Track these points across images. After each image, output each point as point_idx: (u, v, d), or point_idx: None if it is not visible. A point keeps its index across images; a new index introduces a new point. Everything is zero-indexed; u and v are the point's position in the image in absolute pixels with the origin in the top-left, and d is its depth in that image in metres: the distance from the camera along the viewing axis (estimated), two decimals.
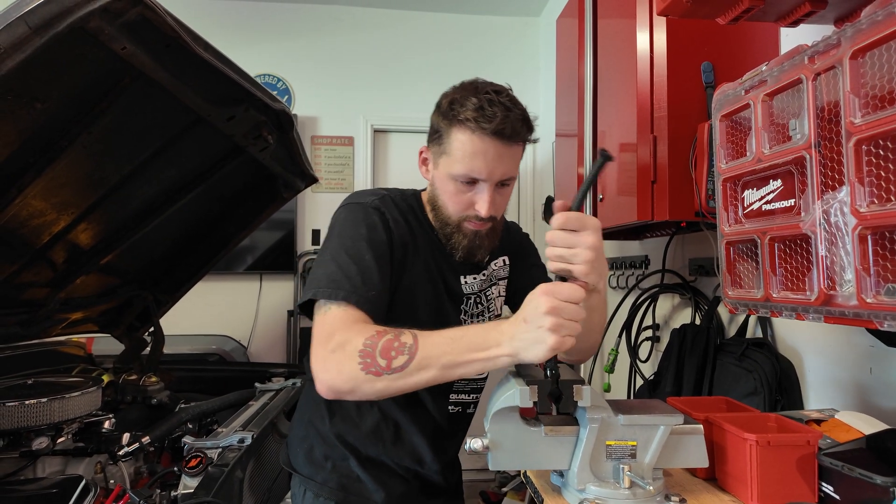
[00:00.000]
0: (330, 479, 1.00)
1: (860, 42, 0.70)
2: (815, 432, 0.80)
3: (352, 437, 1.01)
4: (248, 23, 3.43)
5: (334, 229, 0.95)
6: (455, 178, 0.92)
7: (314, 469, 1.01)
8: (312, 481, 1.01)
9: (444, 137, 0.93)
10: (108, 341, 2.48)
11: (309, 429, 1.04)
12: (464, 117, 0.88)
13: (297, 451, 1.05)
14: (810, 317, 0.81)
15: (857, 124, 0.70)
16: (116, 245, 1.95)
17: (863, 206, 0.70)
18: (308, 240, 3.45)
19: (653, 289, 1.82)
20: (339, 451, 1.01)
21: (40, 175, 1.34)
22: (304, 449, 1.04)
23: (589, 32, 1.79)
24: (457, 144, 0.90)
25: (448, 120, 0.92)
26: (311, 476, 1.01)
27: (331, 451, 1.01)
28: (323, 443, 1.02)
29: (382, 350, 0.76)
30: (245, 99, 1.56)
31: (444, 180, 0.94)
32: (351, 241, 0.90)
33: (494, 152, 0.89)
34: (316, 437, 1.03)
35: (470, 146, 0.89)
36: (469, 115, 0.88)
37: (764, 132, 0.87)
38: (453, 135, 0.91)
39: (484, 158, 0.89)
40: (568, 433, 0.80)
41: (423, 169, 1.04)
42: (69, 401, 1.62)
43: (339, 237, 0.92)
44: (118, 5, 0.90)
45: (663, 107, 1.33)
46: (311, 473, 1.01)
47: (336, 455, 1.01)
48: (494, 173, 0.90)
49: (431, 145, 0.99)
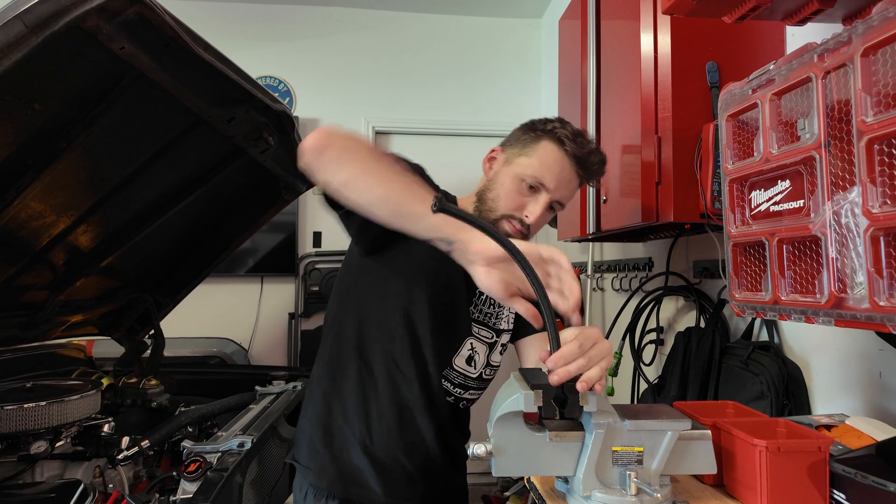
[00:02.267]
0: (328, 468, 1.01)
1: (872, 39, 0.68)
2: (826, 438, 0.78)
3: (356, 427, 1.01)
4: (250, 24, 3.42)
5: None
6: (523, 178, 1.00)
7: (313, 458, 1.03)
8: (309, 471, 1.02)
9: (530, 143, 1.02)
10: (108, 344, 2.47)
11: (312, 421, 1.06)
12: (559, 135, 1.00)
13: (301, 444, 1.07)
14: (820, 320, 0.79)
15: (869, 123, 0.68)
16: (116, 247, 1.94)
17: (875, 206, 0.68)
18: (309, 242, 3.44)
19: (657, 291, 1.80)
20: (340, 440, 1.02)
21: (39, 177, 1.33)
22: (306, 440, 1.06)
23: (592, 33, 1.78)
24: (542, 152, 1.01)
25: (541, 132, 1.03)
26: (308, 465, 1.03)
27: (332, 441, 1.02)
28: (325, 433, 1.03)
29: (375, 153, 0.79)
30: (245, 100, 1.55)
31: (510, 178, 1.01)
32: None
33: (569, 174, 1.01)
34: (318, 429, 1.04)
35: (552, 158, 1.00)
36: (565, 134, 1.00)
37: (772, 132, 0.86)
38: (542, 143, 1.01)
39: (559, 174, 1.00)
40: (573, 439, 0.79)
41: (487, 165, 1.10)
42: (68, 404, 1.61)
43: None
44: (115, 4, 0.89)
45: (668, 107, 1.31)
46: (310, 463, 1.03)
47: (337, 444, 1.02)
48: (558, 190, 1.00)
49: (509, 147, 1.07)
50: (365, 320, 1.04)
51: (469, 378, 1.07)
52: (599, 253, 2.46)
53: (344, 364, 1.04)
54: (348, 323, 1.05)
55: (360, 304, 1.04)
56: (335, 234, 3.44)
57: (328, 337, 1.08)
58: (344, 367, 1.04)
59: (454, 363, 1.05)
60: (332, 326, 1.08)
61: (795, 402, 1.20)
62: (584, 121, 1.83)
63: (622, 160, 1.58)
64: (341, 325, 1.06)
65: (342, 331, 1.05)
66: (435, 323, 1.02)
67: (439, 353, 1.03)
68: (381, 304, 1.02)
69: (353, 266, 1.08)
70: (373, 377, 1.02)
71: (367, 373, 1.02)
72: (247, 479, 1.39)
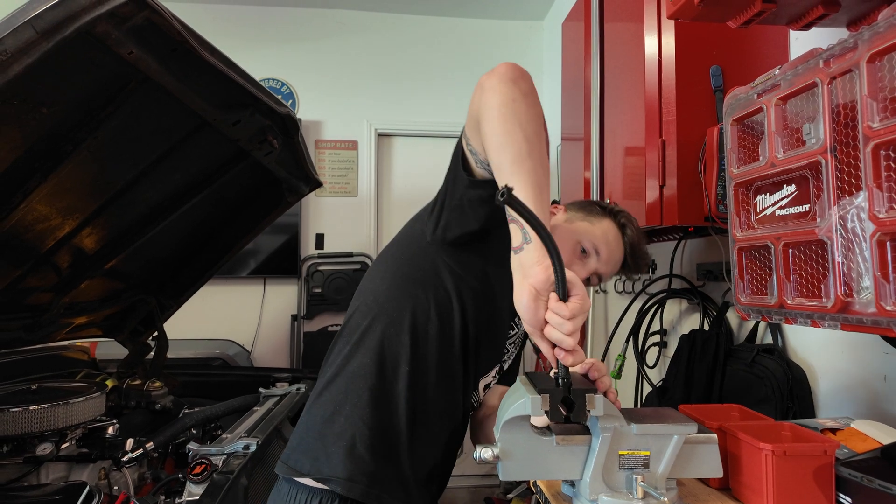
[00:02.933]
0: (364, 474, 0.89)
1: (878, 45, 0.69)
2: (832, 442, 0.78)
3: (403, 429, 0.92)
4: (253, 27, 3.44)
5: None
6: (580, 242, 1.03)
7: (357, 468, 0.89)
8: (356, 484, 0.88)
9: (596, 218, 1.07)
10: (111, 346, 2.47)
11: (354, 422, 0.91)
12: (623, 221, 1.08)
13: (332, 451, 0.90)
14: (826, 324, 0.79)
15: (876, 129, 0.69)
16: (121, 250, 1.95)
17: (881, 211, 0.69)
18: (312, 244, 3.45)
19: (660, 294, 1.81)
20: (387, 443, 0.92)
21: (46, 180, 1.34)
22: (341, 447, 0.90)
23: (595, 36, 1.79)
24: (604, 228, 1.05)
25: (607, 212, 1.09)
26: (352, 478, 0.88)
27: (379, 444, 0.91)
28: (374, 435, 0.91)
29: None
30: (251, 103, 1.55)
31: (568, 235, 1.04)
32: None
33: (618, 256, 1.06)
34: (362, 429, 0.91)
35: (611, 237, 1.05)
36: (627, 223, 1.08)
37: (777, 136, 0.86)
38: (606, 223, 1.06)
39: (613, 251, 1.05)
40: (580, 443, 0.79)
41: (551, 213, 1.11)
42: (73, 406, 1.61)
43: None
44: (125, 9, 0.90)
45: (672, 111, 1.32)
46: (354, 474, 0.89)
47: (385, 447, 0.92)
48: (607, 264, 1.04)
49: (571, 210, 1.11)
50: (425, 313, 0.94)
51: (478, 401, 1.08)
52: None
53: (397, 359, 0.93)
54: (404, 312, 0.94)
55: (421, 295, 0.94)
56: (338, 236, 3.45)
57: (373, 323, 0.95)
58: (397, 362, 0.93)
59: (479, 386, 1.05)
60: (381, 311, 0.95)
61: (800, 405, 1.20)
62: (587, 123, 1.83)
63: (626, 162, 1.58)
64: (395, 311, 0.95)
65: (397, 319, 0.94)
66: (487, 340, 1.00)
67: (480, 370, 1.02)
68: (447, 302, 0.94)
69: (416, 250, 0.97)
70: (425, 378, 0.94)
71: (421, 371, 0.93)
72: (251, 482, 1.39)
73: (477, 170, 0.85)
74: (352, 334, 0.97)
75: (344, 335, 0.99)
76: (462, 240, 0.93)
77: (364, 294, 1.00)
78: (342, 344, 0.98)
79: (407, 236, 1.02)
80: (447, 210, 0.91)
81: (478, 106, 0.78)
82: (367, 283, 1.01)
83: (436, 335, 0.94)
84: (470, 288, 0.95)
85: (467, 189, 0.87)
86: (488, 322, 0.99)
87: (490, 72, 0.79)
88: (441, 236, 0.93)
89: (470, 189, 0.86)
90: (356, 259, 3.40)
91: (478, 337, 0.98)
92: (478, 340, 0.98)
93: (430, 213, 0.95)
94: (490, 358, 1.04)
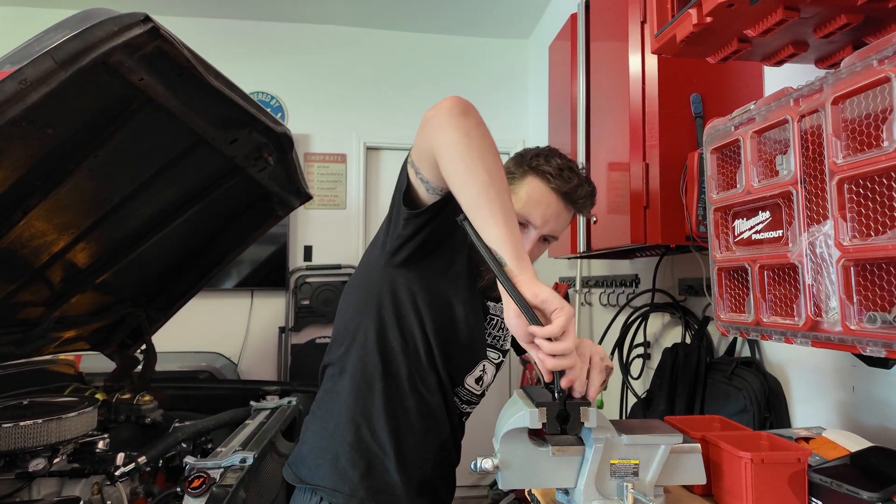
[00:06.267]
0: (359, 490, 0.98)
1: (841, 90, 0.76)
2: (804, 450, 0.85)
3: (386, 443, 1.00)
4: (243, 41, 3.47)
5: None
6: None
7: (342, 480, 0.99)
8: (339, 493, 0.98)
9: (517, 180, 1.04)
10: (95, 359, 2.46)
11: (334, 439, 1.02)
12: (544, 170, 1.01)
13: (319, 465, 1.01)
14: (798, 341, 0.86)
15: (840, 164, 0.76)
16: (113, 264, 1.96)
17: (846, 239, 0.75)
18: (300, 256, 3.47)
19: (644, 307, 1.88)
20: (370, 458, 0.99)
21: (46, 197, 1.36)
22: (328, 462, 1.01)
23: (581, 55, 1.86)
24: (526, 188, 1.02)
25: (527, 167, 1.04)
26: (335, 487, 0.99)
27: (361, 460, 0.99)
28: (354, 452, 1.00)
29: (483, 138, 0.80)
30: (248, 122, 1.59)
31: None
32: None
33: (555, 209, 1.02)
34: (344, 448, 1.00)
35: (537, 194, 1.02)
36: (549, 170, 1.01)
37: (753, 167, 0.93)
38: (527, 180, 1.03)
39: (544, 210, 1.01)
40: (574, 453, 0.84)
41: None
42: (66, 421, 1.61)
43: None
44: (140, 40, 0.93)
45: (655, 135, 1.39)
46: (338, 485, 0.99)
47: (367, 462, 0.99)
48: (546, 225, 1.02)
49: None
50: (388, 332, 1.02)
51: (474, 395, 1.13)
52: (587, 268, 2.54)
53: (370, 379, 1.01)
54: (370, 335, 1.02)
55: (384, 315, 1.02)
56: (326, 249, 3.47)
57: (349, 349, 1.04)
58: (370, 382, 1.01)
59: (465, 382, 1.11)
60: (352, 338, 1.04)
61: (776, 415, 1.27)
62: (573, 141, 1.91)
63: (611, 181, 1.65)
64: (363, 336, 1.03)
65: (365, 343, 1.03)
66: (459, 343, 1.05)
67: (457, 370, 1.08)
68: (406, 318, 1.01)
69: (375, 276, 1.05)
70: (399, 391, 1.01)
71: (394, 386, 1.01)
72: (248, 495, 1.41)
73: (425, 196, 0.90)
74: (333, 357, 1.08)
75: (328, 357, 1.10)
76: (410, 262, 1.00)
77: (337, 323, 1.10)
78: (328, 366, 1.10)
79: (365, 263, 1.10)
80: (391, 238, 0.98)
81: (431, 142, 0.81)
82: (339, 313, 1.11)
83: (401, 350, 1.02)
84: (426, 303, 1.02)
85: (407, 221, 0.93)
86: (453, 330, 1.04)
87: (436, 106, 0.81)
88: (391, 260, 1.01)
89: (410, 220, 0.92)
90: (344, 271, 3.43)
91: (445, 345, 1.04)
92: (446, 347, 1.04)
93: (381, 239, 1.03)
94: (471, 355, 1.09)
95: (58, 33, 0.87)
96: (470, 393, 1.12)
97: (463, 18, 3.45)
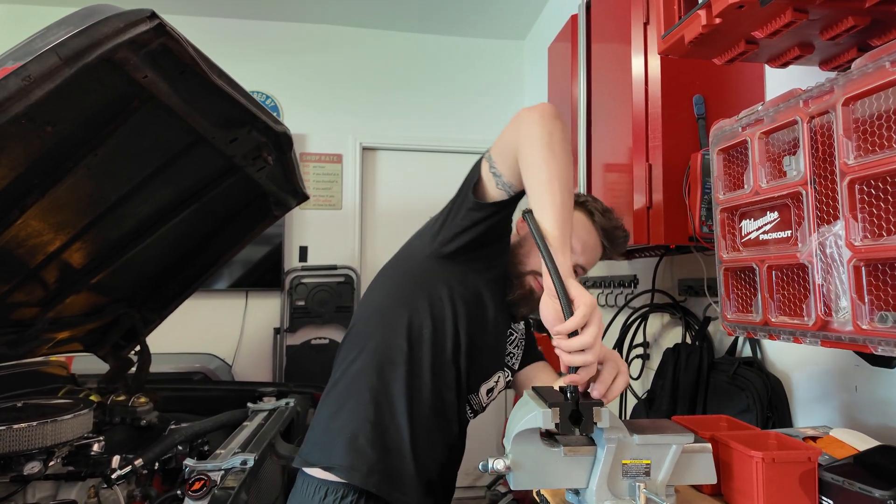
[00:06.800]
0: (376, 469, 0.97)
1: (851, 91, 0.76)
2: (815, 449, 0.85)
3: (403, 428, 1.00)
4: (238, 39, 3.44)
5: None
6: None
7: (359, 458, 0.98)
8: (356, 472, 0.97)
9: None
10: (87, 360, 2.42)
11: (354, 417, 1.01)
12: (590, 207, 1.12)
13: (336, 443, 1.00)
14: (808, 341, 0.86)
15: (851, 165, 0.76)
16: (108, 264, 1.94)
17: (857, 240, 0.76)
18: (295, 256, 3.44)
19: (643, 308, 1.88)
20: (388, 440, 1.00)
21: (43, 196, 1.34)
22: (345, 439, 1.00)
23: (582, 57, 1.87)
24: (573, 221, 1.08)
25: (575, 206, 1.10)
26: (353, 465, 0.98)
27: (379, 440, 0.99)
28: (374, 431, 0.99)
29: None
30: (249, 121, 1.58)
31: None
32: None
33: (594, 242, 1.11)
34: (364, 426, 1.00)
35: (580, 225, 1.09)
36: (596, 208, 1.12)
37: (761, 167, 0.94)
38: (575, 214, 1.08)
39: (585, 240, 1.09)
40: (586, 453, 0.84)
41: (520, 223, 1.18)
42: (61, 424, 1.59)
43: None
44: (145, 37, 0.92)
45: (658, 136, 1.39)
46: (355, 462, 0.98)
47: (385, 444, 0.99)
48: (583, 255, 1.09)
49: None
50: (420, 318, 1.03)
51: (482, 405, 1.13)
52: None
53: (394, 360, 1.02)
54: (401, 318, 1.03)
55: (417, 302, 1.03)
56: (321, 249, 3.45)
57: (376, 330, 1.05)
58: (394, 363, 1.02)
59: (479, 390, 1.11)
60: (381, 318, 1.05)
61: (779, 415, 1.28)
62: (574, 141, 1.91)
63: (613, 180, 1.66)
64: (393, 318, 1.04)
65: (394, 325, 1.03)
66: (485, 344, 1.06)
67: (476, 373, 1.08)
68: (440, 308, 1.03)
69: (415, 263, 1.07)
70: (419, 378, 1.02)
71: (416, 373, 1.02)
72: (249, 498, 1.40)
73: (494, 191, 0.96)
74: (355, 339, 1.08)
75: (348, 341, 1.10)
76: (458, 254, 1.03)
77: (366, 304, 1.11)
78: (346, 349, 1.09)
79: (406, 252, 1.12)
80: (448, 227, 1.02)
81: (518, 135, 0.89)
82: (369, 294, 1.12)
83: (429, 338, 1.04)
84: (462, 298, 1.04)
85: (470, 211, 0.98)
86: (482, 330, 1.07)
87: (531, 108, 0.90)
88: (439, 250, 1.04)
89: (474, 211, 0.98)
90: (340, 272, 3.42)
91: (471, 343, 1.06)
92: (472, 346, 1.06)
93: (432, 227, 1.06)
94: (490, 362, 1.11)
95: (62, 29, 0.86)
96: (479, 402, 1.12)
97: (459, 19, 3.45)
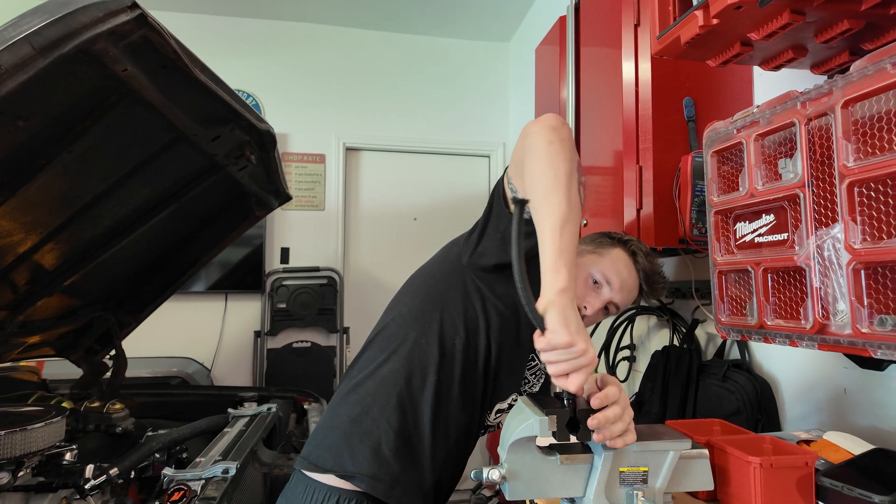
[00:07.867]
0: (398, 482, 0.94)
1: (851, 93, 0.76)
2: (812, 454, 0.84)
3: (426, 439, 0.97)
4: (218, 37, 3.37)
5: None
6: (591, 274, 1.06)
7: (381, 467, 0.94)
8: (379, 482, 0.93)
9: (605, 246, 1.09)
10: (59, 365, 2.34)
11: (378, 424, 0.97)
12: (634, 248, 1.09)
13: (359, 449, 0.96)
14: (804, 344, 0.86)
15: (850, 167, 0.76)
16: (82, 266, 1.86)
17: (856, 242, 0.75)
18: (277, 258, 3.38)
19: (630, 310, 1.88)
20: (411, 452, 0.96)
21: (14, 195, 1.28)
22: (368, 446, 0.96)
23: (571, 60, 1.86)
24: (613, 258, 1.07)
25: (617, 241, 1.10)
26: (376, 476, 0.94)
27: (403, 451, 0.96)
28: (399, 441, 0.96)
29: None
30: (232, 119, 1.53)
31: (580, 269, 1.05)
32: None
33: (633, 283, 1.07)
34: (389, 434, 0.96)
35: (622, 265, 1.07)
36: (638, 249, 1.09)
37: (757, 169, 0.93)
38: (616, 251, 1.08)
39: (625, 279, 1.06)
40: (583, 461, 0.82)
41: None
42: (31, 433, 1.51)
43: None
44: (126, 27, 0.87)
45: (648, 139, 1.39)
46: (378, 472, 0.94)
47: (408, 456, 0.96)
48: (620, 293, 1.06)
49: (587, 245, 1.12)
50: (455, 327, 1.00)
51: (489, 426, 1.11)
52: None
53: (426, 368, 0.99)
54: (433, 324, 1.00)
55: (452, 309, 1.01)
56: (303, 251, 3.39)
57: (408, 334, 1.01)
58: (425, 371, 0.99)
59: (496, 408, 1.08)
60: (415, 321, 1.02)
61: (768, 417, 1.28)
62: None
63: (601, 183, 1.65)
64: (427, 323, 1.01)
65: (427, 330, 1.00)
66: (509, 363, 1.03)
67: (499, 389, 1.05)
68: (473, 318, 1.00)
69: (451, 268, 1.04)
70: (448, 390, 0.99)
71: (447, 384, 0.99)
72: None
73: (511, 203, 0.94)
74: (385, 342, 1.04)
75: (376, 343, 1.05)
76: (495, 268, 1.00)
77: (398, 307, 1.07)
78: (374, 351, 1.04)
79: (443, 257, 1.09)
80: (486, 239, 0.99)
81: (522, 150, 0.87)
82: (401, 297, 1.08)
83: (462, 348, 1.01)
84: (496, 310, 1.02)
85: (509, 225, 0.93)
86: (512, 346, 1.04)
87: (535, 120, 0.88)
88: (476, 261, 1.01)
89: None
90: (322, 274, 3.36)
91: (500, 358, 1.03)
92: (499, 361, 1.03)
93: (468, 238, 1.03)
94: (510, 382, 1.08)
95: (36, 17, 0.81)
96: (488, 421, 1.10)
97: (444, 20, 3.43)
